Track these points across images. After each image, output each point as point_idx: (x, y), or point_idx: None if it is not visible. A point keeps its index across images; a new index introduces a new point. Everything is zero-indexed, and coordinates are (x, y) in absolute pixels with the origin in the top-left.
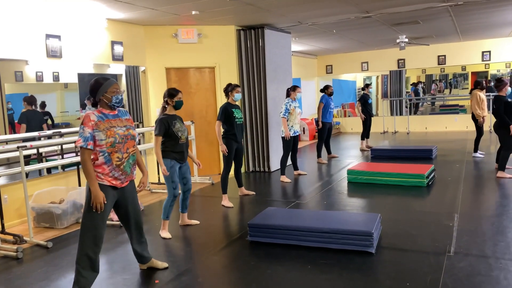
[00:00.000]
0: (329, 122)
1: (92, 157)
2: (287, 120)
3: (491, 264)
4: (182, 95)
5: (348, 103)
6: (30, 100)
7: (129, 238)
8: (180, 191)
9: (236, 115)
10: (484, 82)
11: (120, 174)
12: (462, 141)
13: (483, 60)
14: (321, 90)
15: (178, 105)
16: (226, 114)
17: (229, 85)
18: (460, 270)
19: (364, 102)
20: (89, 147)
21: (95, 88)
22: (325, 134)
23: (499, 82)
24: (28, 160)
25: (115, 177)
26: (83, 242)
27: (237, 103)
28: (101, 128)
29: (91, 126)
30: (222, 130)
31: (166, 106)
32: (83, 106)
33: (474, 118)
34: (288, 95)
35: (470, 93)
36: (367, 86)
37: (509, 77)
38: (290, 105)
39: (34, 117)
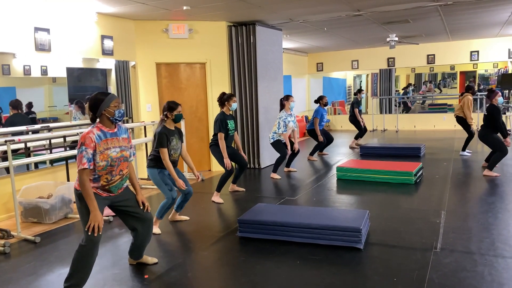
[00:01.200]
0: (320, 130)
1: None
2: (279, 131)
3: (476, 260)
4: (181, 108)
5: (338, 101)
6: (15, 104)
7: (133, 237)
8: (179, 193)
9: (230, 127)
10: (475, 87)
11: (103, 191)
12: (450, 140)
13: (471, 60)
14: (316, 101)
15: (177, 119)
16: (223, 126)
17: (224, 94)
18: (446, 266)
19: (357, 104)
20: (91, 167)
21: (96, 104)
22: (324, 142)
23: (491, 92)
24: (16, 154)
25: (99, 191)
26: (78, 270)
27: (231, 112)
28: (97, 151)
29: (92, 148)
30: (212, 137)
31: (165, 119)
32: (71, 101)
33: (459, 121)
34: (282, 105)
35: (461, 95)
36: (359, 91)
37: (496, 77)
38: (287, 120)
39: (20, 120)
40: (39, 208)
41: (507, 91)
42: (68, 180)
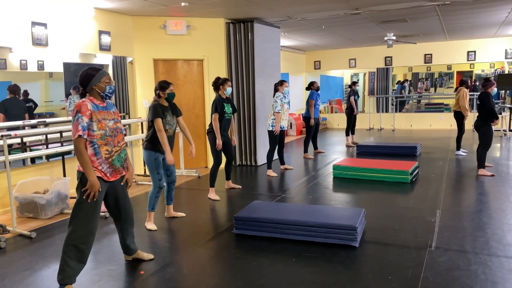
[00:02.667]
0: (316, 117)
1: None
2: (275, 109)
3: (470, 259)
4: (173, 87)
5: (335, 99)
6: (12, 88)
7: (117, 229)
8: (164, 183)
9: (226, 110)
10: (469, 81)
11: (107, 167)
12: (446, 139)
13: (468, 60)
14: (307, 88)
15: (170, 97)
16: (219, 108)
17: (219, 78)
18: (440, 264)
19: (353, 94)
20: (85, 136)
21: (87, 79)
22: (313, 129)
23: (487, 81)
24: (12, 149)
25: (103, 170)
26: (72, 232)
27: (228, 96)
28: (94, 119)
29: (88, 116)
30: (209, 124)
31: (158, 99)
32: (67, 96)
33: (456, 115)
34: (276, 90)
35: (456, 90)
36: (354, 83)
37: (492, 77)
38: (282, 100)
39: (15, 105)
40: (35, 203)
41: (503, 91)
42: (65, 175)
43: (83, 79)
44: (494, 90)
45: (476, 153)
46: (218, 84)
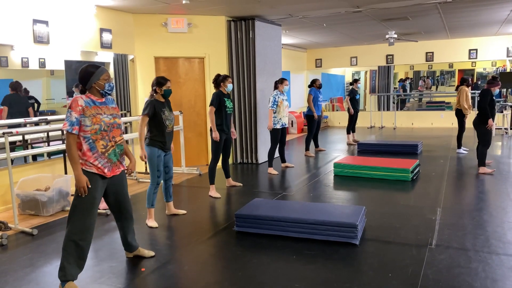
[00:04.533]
0: (318, 115)
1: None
2: (275, 113)
3: (471, 256)
4: (170, 84)
5: (336, 97)
6: (14, 85)
7: (118, 226)
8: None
9: (228, 105)
10: (470, 79)
11: (105, 161)
12: (447, 137)
13: (469, 58)
14: (309, 86)
15: (166, 94)
16: (219, 102)
17: (219, 75)
18: (440, 262)
19: (352, 97)
20: (74, 131)
21: (87, 76)
22: (314, 127)
23: (494, 79)
24: (13, 146)
25: (101, 165)
26: (70, 229)
27: (228, 93)
28: (87, 114)
29: (79, 111)
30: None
31: (155, 94)
32: (69, 94)
33: (457, 114)
34: (276, 87)
35: (457, 89)
36: (355, 81)
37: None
38: (278, 97)
39: (18, 101)
40: (37, 200)
41: (505, 89)
42: (66, 173)
43: (83, 76)
44: (496, 90)
45: (476, 151)
46: (218, 81)
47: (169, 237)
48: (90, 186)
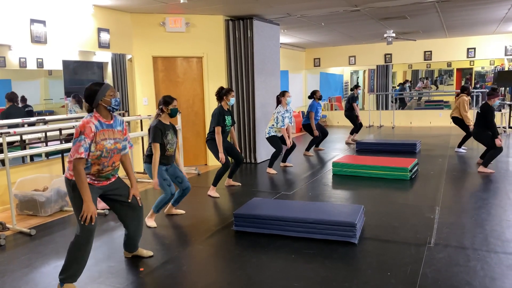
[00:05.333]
0: (317, 124)
1: None
2: (276, 126)
3: (469, 255)
4: (177, 102)
5: (335, 97)
6: (10, 96)
7: (125, 227)
8: (177, 189)
9: (227, 123)
10: (470, 87)
11: (94, 178)
12: (445, 136)
13: (468, 57)
14: (309, 97)
15: (173, 113)
16: (221, 120)
17: (222, 88)
18: (439, 261)
19: (353, 100)
20: (87, 157)
21: (92, 94)
22: (319, 137)
23: (494, 91)
24: (11, 147)
25: (91, 180)
26: (78, 235)
27: (229, 107)
28: (95, 140)
29: (91, 138)
30: (209, 132)
31: (161, 113)
32: (68, 94)
33: (455, 121)
34: (278, 101)
35: (457, 96)
36: (356, 87)
37: (492, 74)
38: (282, 115)
39: (15, 113)
40: (35, 200)
41: (503, 88)
42: (64, 173)
43: (89, 95)
44: (496, 102)
45: (486, 151)
46: (221, 94)
47: (168, 236)
48: (95, 222)
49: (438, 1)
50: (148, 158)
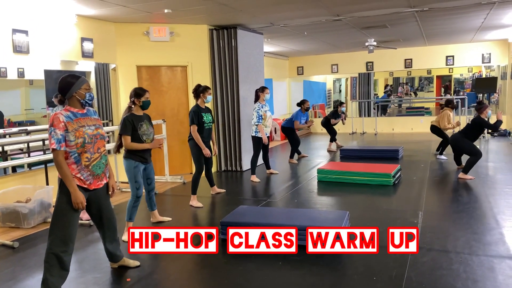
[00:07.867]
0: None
1: None
2: (255, 122)
3: (452, 258)
4: (149, 94)
5: (318, 104)
6: None
7: (101, 237)
8: (144, 191)
9: (205, 120)
10: (454, 101)
11: (88, 174)
12: (427, 142)
13: (447, 64)
14: (298, 105)
15: (145, 105)
16: (197, 118)
17: (199, 86)
18: (423, 265)
19: (333, 116)
20: (62, 148)
21: (67, 86)
22: (298, 139)
23: (480, 104)
24: None
25: (83, 178)
26: (51, 240)
27: (207, 105)
28: (70, 130)
29: (62, 128)
30: (190, 132)
31: (133, 106)
32: (50, 104)
33: (433, 130)
34: (257, 96)
35: (442, 108)
36: (341, 104)
37: (470, 82)
38: (261, 110)
39: None
40: (17, 212)
41: (481, 94)
42: (47, 184)
43: (63, 86)
44: (489, 113)
45: (467, 160)
46: (198, 91)
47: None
48: (85, 204)
49: (418, 11)
50: (128, 153)
